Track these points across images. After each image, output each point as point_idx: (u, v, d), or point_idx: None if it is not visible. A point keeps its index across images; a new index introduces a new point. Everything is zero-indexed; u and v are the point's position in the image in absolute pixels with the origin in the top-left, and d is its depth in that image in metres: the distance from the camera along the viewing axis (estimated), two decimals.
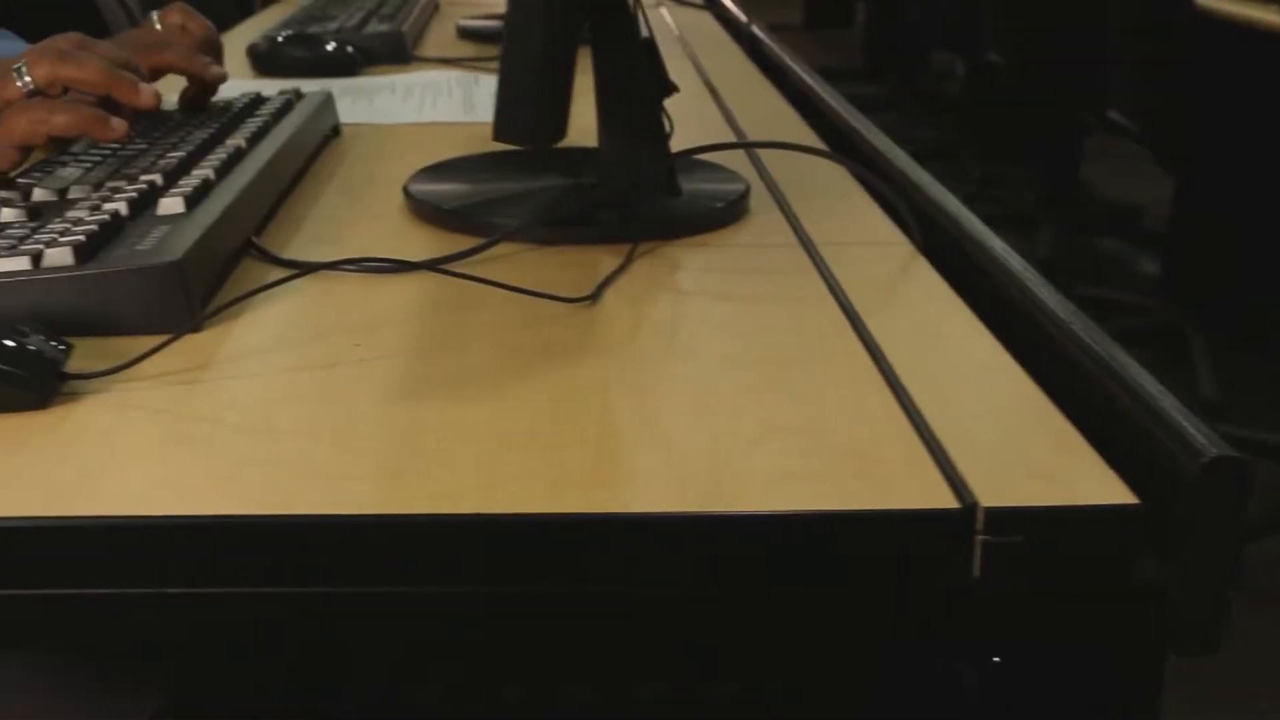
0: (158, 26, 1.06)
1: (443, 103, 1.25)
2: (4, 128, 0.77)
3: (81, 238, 0.66)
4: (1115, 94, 2.69)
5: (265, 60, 1.39)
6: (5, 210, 0.73)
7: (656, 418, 0.57)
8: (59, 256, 0.65)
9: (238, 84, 1.26)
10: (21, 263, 0.64)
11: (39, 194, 0.77)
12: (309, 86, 1.11)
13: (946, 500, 0.50)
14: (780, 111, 1.24)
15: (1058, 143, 3.67)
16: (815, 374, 0.62)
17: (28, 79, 0.78)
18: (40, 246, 0.65)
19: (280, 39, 1.41)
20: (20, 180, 0.78)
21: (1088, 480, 0.51)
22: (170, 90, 0.96)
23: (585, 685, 0.55)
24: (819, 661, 0.53)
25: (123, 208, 0.71)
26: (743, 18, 1.71)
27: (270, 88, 1.07)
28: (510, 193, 0.87)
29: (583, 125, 0.84)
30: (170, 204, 0.73)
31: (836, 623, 0.51)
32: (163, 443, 0.54)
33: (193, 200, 0.74)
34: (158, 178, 0.77)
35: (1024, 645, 0.51)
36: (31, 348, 0.58)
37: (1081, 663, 0.51)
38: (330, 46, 1.41)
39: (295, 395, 0.59)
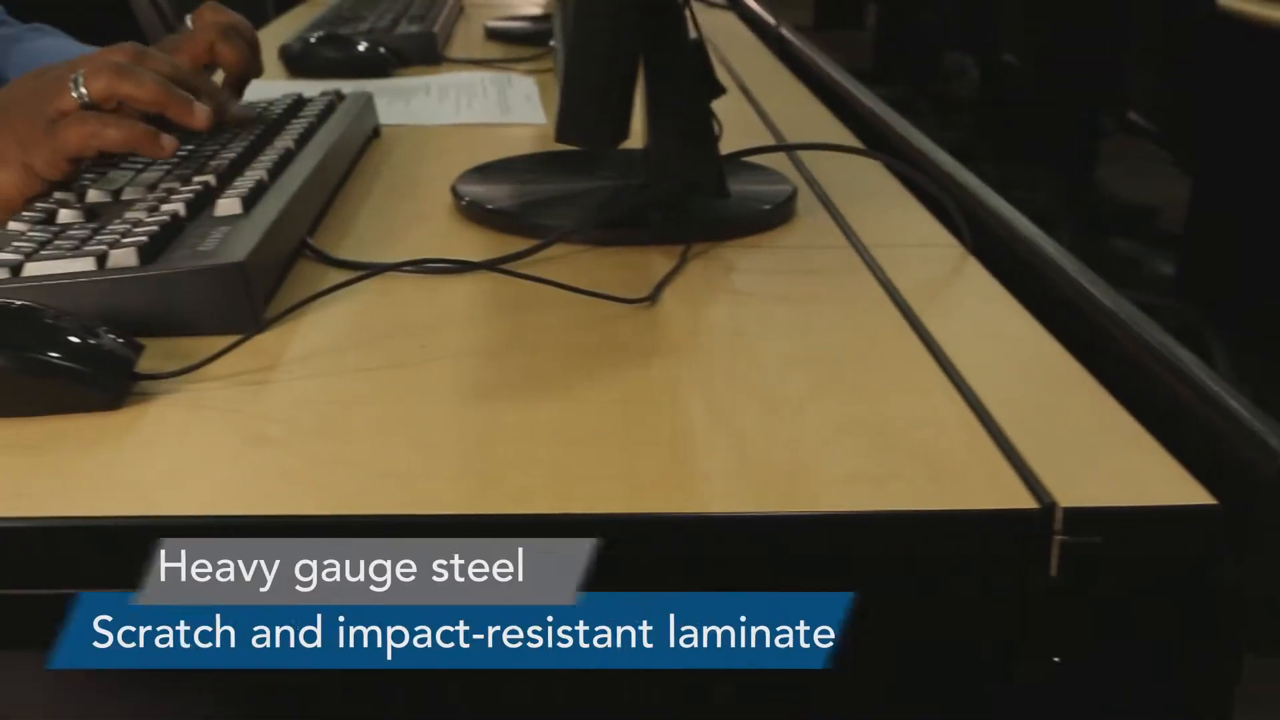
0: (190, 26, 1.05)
1: (478, 104, 1.25)
2: (58, 139, 0.77)
3: (144, 239, 0.66)
4: (1135, 95, 2.69)
5: (298, 61, 1.39)
6: (63, 211, 0.73)
7: (726, 418, 0.57)
8: (123, 258, 0.65)
9: (275, 85, 1.27)
10: (87, 263, 0.65)
11: (94, 195, 0.77)
12: (344, 88, 1.11)
13: (1024, 500, 0.50)
14: (816, 112, 1.24)
15: (1074, 144, 3.66)
16: (879, 375, 0.62)
17: (83, 91, 0.77)
18: (104, 247, 0.66)
19: (313, 40, 1.41)
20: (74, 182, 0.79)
21: (1163, 481, 0.51)
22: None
23: (658, 685, 0.55)
24: (891, 660, 0.53)
25: (181, 209, 0.72)
26: (771, 20, 1.72)
27: (308, 89, 1.08)
28: (558, 193, 0.87)
29: None
30: (227, 205, 0.73)
31: (912, 621, 0.51)
32: (239, 443, 0.55)
33: (249, 201, 0.74)
34: (211, 179, 0.77)
35: (1098, 645, 0.51)
36: (103, 346, 0.58)
37: (1156, 663, 0.51)
38: (362, 47, 1.41)
39: (366, 396, 0.59)
